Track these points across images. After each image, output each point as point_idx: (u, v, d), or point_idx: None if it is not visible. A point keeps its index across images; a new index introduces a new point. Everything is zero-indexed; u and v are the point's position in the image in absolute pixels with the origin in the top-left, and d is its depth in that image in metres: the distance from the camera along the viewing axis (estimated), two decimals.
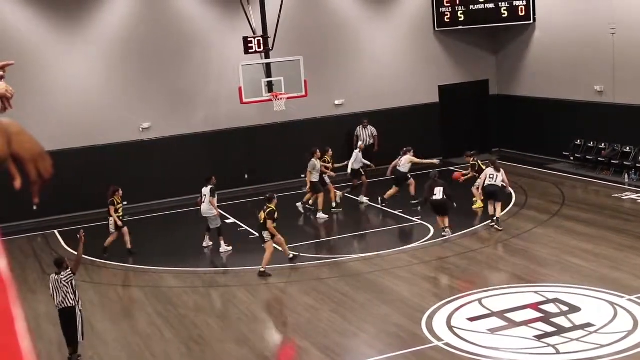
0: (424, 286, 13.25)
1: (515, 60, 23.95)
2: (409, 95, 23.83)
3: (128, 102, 20.94)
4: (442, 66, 24.25)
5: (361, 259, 15.12)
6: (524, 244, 15.22)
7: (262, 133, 22.24)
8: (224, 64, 21.42)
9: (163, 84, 21.24)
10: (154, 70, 21.12)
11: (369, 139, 22.60)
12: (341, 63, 23.05)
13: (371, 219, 18.84)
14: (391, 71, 23.62)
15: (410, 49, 23.85)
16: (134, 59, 20.94)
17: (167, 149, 21.36)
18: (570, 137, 21.74)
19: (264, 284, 14.20)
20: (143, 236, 17.52)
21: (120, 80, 20.86)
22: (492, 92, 25.00)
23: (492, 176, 16.33)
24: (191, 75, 21.51)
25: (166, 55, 21.22)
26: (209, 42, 21.60)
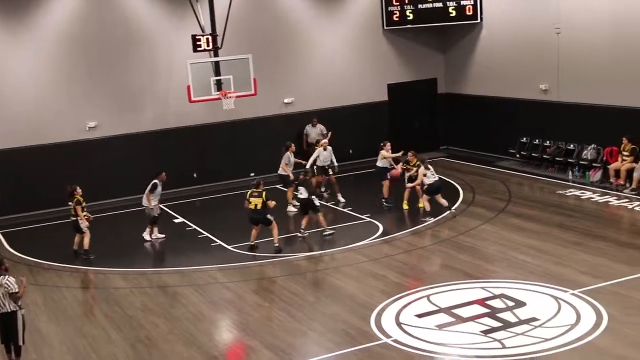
0: (373, 284, 13.30)
1: (463, 59, 24.22)
2: (358, 93, 23.91)
3: (74, 100, 20.61)
4: (391, 65, 24.39)
5: (310, 257, 15.12)
6: (471, 240, 15.38)
7: (211, 132, 22.09)
8: (173, 62, 21.23)
9: (110, 83, 20.96)
10: (101, 68, 20.82)
11: (318, 137, 22.61)
12: (290, 61, 23.03)
13: None
14: (340, 69, 23.68)
15: (359, 47, 23.93)
16: (81, 57, 20.61)
17: (114, 148, 21.08)
18: (517, 135, 22.06)
19: (214, 282, 14.11)
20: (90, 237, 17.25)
21: (66, 78, 20.52)
22: (440, 91, 25.22)
23: (432, 173, 16.99)
24: (139, 73, 21.26)
25: (113, 53, 20.93)
26: (157, 39, 21.38)
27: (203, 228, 17.61)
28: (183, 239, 17.39)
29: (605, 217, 16.45)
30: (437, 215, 17.05)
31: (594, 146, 19.66)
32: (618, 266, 13.17)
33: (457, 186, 19.94)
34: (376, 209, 18.17)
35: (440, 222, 16.74)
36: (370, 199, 18.72)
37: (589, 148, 19.75)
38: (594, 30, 19.62)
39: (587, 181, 19.32)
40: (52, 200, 19.76)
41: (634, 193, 17.77)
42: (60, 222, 18.59)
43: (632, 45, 18.66)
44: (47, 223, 19.20)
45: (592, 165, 19.44)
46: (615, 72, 19.17)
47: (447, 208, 17.14)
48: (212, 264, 15.19)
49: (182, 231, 17.84)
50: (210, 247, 16.38)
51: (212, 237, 16.89)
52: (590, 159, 19.60)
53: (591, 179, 19.28)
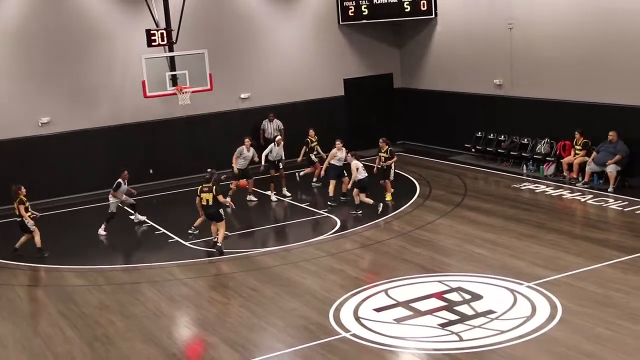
0: (331, 278, 13.33)
1: (418, 54, 24.38)
2: (314, 88, 23.93)
3: (26, 95, 20.25)
4: (347, 60, 24.45)
5: (268, 252, 15.10)
6: (428, 234, 15.50)
7: (168, 127, 21.92)
8: (128, 57, 20.99)
9: (64, 77, 20.64)
10: (55, 62, 20.49)
11: (275, 132, 22.59)
12: (247, 56, 22.94)
13: (278, 213, 18.83)
14: (296, 65, 23.66)
15: (315, 42, 23.94)
16: (33, 51, 20.25)
17: (68, 144, 20.78)
18: (472, 129, 22.29)
19: (171, 279, 14.00)
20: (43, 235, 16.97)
21: (17, 72, 20.15)
22: (396, 86, 25.36)
23: (363, 169, 16.96)
24: (94, 68, 20.98)
25: (67, 47, 20.61)
26: (112, 34, 21.11)
27: (160, 225, 17.46)
28: (140, 236, 17.22)
29: (559, 210, 16.72)
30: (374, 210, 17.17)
31: (547, 140, 19.95)
32: (572, 258, 13.39)
33: (413, 180, 20.07)
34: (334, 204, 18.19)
35: (399, 217, 16.84)
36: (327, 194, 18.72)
37: (543, 142, 20.03)
38: (545, 25, 19.90)
39: (541, 175, 19.60)
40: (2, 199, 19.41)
41: (587, 186, 18.10)
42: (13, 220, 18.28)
43: (581, 39, 18.97)
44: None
45: (546, 159, 19.73)
46: (567, 67, 19.48)
47: (373, 205, 16.99)
48: (169, 261, 15.07)
49: (138, 228, 17.66)
50: (167, 243, 16.24)
51: (169, 234, 16.76)
52: (544, 153, 19.89)
53: (545, 172, 19.57)
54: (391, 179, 18.21)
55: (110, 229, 17.16)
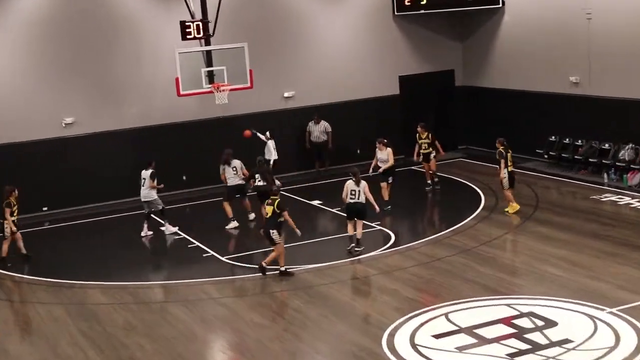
0: (384, 300, 13.19)
1: (483, 48, 24.14)
2: (366, 86, 23.85)
3: (49, 94, 20.56)
4: (403, 55, 24.32)
5: (313, 269, 15.02)
6: (494, 251, 15.28)
7: (203, 129, 22.03)
8: (159, 52, 21.18)
9: (89, 75, 20.90)
10: (79, 58, 20.77)
11: (322, 135, 22.56)
12: (291, 51, 22.96)
13: (323, 225, 18.76)
14: (346, 60, 23.61)
15: (367, 35, 23.87)
16: (56, 46, 20.55)
17: (94, 147, 21.03)
18: (544, 133, 21.99)
19: (205, 298, 13.99)
20: (65, 246, 17.18)
21: (39, 69, 20.47)
22: (458, 84, 25.16)
23: (354, 192, 15.66)
24: (121, 64, 21.21)
25: (93, 41, 20.88)
26: (142, 26, 21.33)
27: (194, 237, 17.49)
28: (171, 249, 17.28)
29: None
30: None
31: (632, 146, 19.58)
32: None
33: (477, 190, 19.85)
34: (387, 216, 18.07)
35: (461, 231, 16.63)
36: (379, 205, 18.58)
37: (627, 148, 19.67)
38: (630, 14, 19.51)
39: (624, 185, 19.24)
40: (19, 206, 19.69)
41: None
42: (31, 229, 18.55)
43: None
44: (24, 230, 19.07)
45: (630, 167, 19.34)
46: None
47: (354, 244, 15.78)
48: (204, 277, 15.05)
49: (170, 240, 17.73)
50: (202, 258, 16.27)
51: (203, 247, 16.78)
52: (628, 160, 19.51)
53: (629, 182, 19.20)
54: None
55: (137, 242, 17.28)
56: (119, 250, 17.02)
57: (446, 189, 20.09)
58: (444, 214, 19.04)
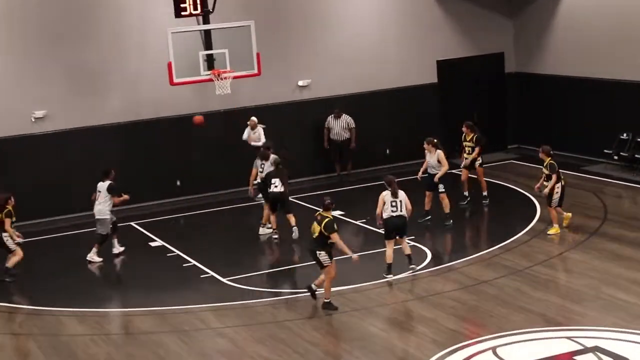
0: (420, 330, 13.23)
1: (540, 27, 24.13)
2: (397, 74, 23.90)
3: (15, 83, 20.68)
4: (442, 35, 24.36)
5: (333, 294, 15.04)
6: (552, 272, 15.29)
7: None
8: (147, 32, 21.28)
9: (64, 60, 21.01)
10: (52, 42, 20.86)
11: (343, 132, 22.61)
12: (307, 31, 23.04)
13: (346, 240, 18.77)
14: (373, 42, 23.67)
15: (398, 12, 23.93)
16: (24, 26, 20.66)
17: (69, 145, 21.13)
18: (615, 130, 21.99)
19: (204, 328, 14.07)
20: (34, 264, 17.28)
21: (6, 56, 20.57)
22: (508, 69, 25.17)
23: (395, 204, 15.53)
24: (102, 47, 21.31)
25: (68, 22, 20.97)
26: (126, 2, 21.44)
27: (189, 254, 17.58)
28: (162, 269, 17.38)
29: None
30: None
31: None
32: None
33: (532, 199, 19.83)
34: (422, 228, 18.11)
35: (511, 247, 16.62)
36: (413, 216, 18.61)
37: None
38: None
39: None
40: None
41: None
42: None
43: None
44: None
45: None
46: None
47: (409, 262, 15.82)
48: (201, 303, 15.15)
49: (161, 258, 17.84)
50: (200, 279, 16.36)
51: (201, 267, 16.87)
52: None
53: None
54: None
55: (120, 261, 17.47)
56: (99, 271, 17.12)
57: (494, 198, 20.09)
58: (492, 228, 19.07)
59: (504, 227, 17.71)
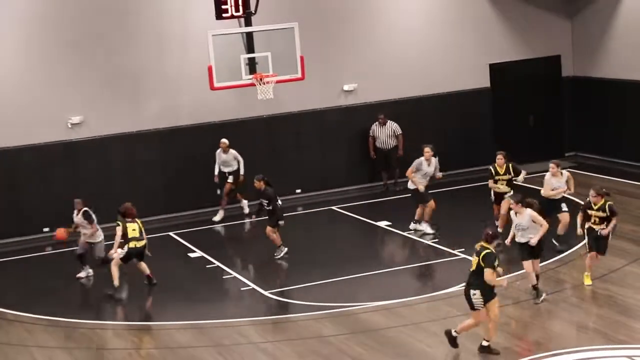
0: (469, 347, 13.16)
1: (600, 28, 23.97)
2: (447, 78, 23.85)
3: (52, 89, 20.85)
4: (495, 38, 24.28)
5: (379, 308, 15.06)
6: (611, 288, 15.14)
7: (241, 130, 22.19)
8: (187, 35, 21.42)
9: (101, 64, 21.17)
10: (89, 46, 21.03)
11: (389, 140, 22.53)
12: (353, 33, 23.05)
13: (392, 252, 18.78)
14: (422, 45, 23.64)
15: (448, 13, 23.88)
16: (61, 31, 20.83)
17: (106, 152, 21.32)
18: None
19: (245, 343, 14.13)
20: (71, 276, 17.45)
21: (40, 58, 20.77)
22: (566, 73, 25.03)
23: (519, 226, 14.87)
24: (141, 51, 21.46)
25: (106, 26, 21.12)
26: (166, 5, 21.58)
27: (229, 266, 17.67)
28: (202, 281, 17.47)
29: None
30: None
31: None
32: None
33: None
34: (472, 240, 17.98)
35: (567, 261, 16.54)
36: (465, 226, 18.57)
37: None
38: None
39: None
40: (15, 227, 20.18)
41: None
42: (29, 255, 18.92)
43: None
44: (8, 258, 19.51)
45: None
46: None
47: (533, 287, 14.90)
48: (242, 317, 15.21)
49: (200, 270, 17.94)
50: (240, 292, 16.44)
51: (241, 279, 16.93)
52: None
53: None
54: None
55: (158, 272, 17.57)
56: (138, 282, 17.24)
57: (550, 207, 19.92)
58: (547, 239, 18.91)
59: (560, 239, 17.57)
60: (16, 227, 20.41)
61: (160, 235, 19.75)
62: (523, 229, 14.84)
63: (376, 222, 20.06)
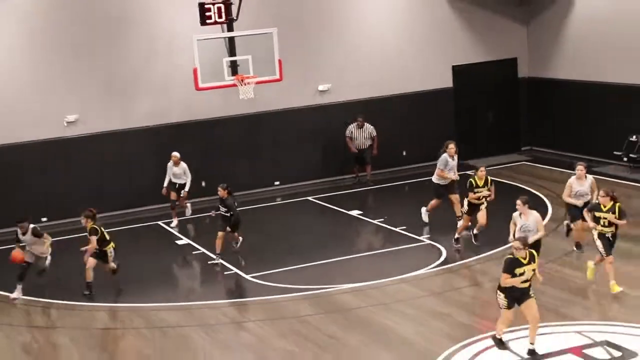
0: (435, 325, 13.25)
1: (552, 33, 24.06)
2: (414, 78, 23.90)
3: (48, 88, 20.81)
4: (457, 41, 24.34)
5: (352, 290, 15.10)
6: (563, 270, 15.25)
7: (225, 128, 22.21)
8: (174, 39, 21.39)
9: (95, 65, 21.14)
10: (84, 48, 20.99)
11: (366, 141, 22.52)
12: (327, 37, 23.07)
13: (365, 238, 18.84)
14: (391, 48, 23.67)
15: (416, 19, 23.91)
16: (58, 34, 20.79)
17: (101, 148, 21.28)
18: (624, 132, 21.91)
19: (228, 322, 14.15)
20: (66, 262, 17.41)
21: (37, 60, 20.72)
22: (521, 74, 25.12)
23: (525, 228, 14.07)
24: (132, 54, 21.44)
25: (99, 28, 21.09)
26: (155, 9, 21.55)
27: (213, 252, 17.67)
28: (188, 266, 17.47)
29: None
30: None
31: None
32: None
33: (543, 198, 19.80)
34: (437, 228, 18.11)
35: None
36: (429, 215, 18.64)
37: None
38: None
39: None
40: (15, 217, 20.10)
41: None
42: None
43: None
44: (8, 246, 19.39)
45: None
46: None
47: None
48: (225, 298, 15.24)
49: (187, 256, 17.96)
50: (224, 276, 16.46)
51: (225, 264, 16.96)
52: None
53: None
54: None
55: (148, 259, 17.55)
56: (129, 268, 17.21)
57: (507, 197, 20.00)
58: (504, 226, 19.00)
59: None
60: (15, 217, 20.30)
61: (150, 224, 19.73)
62: (529, 230, 13.96)
63: (349, 211, 20.13)
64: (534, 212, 14.19)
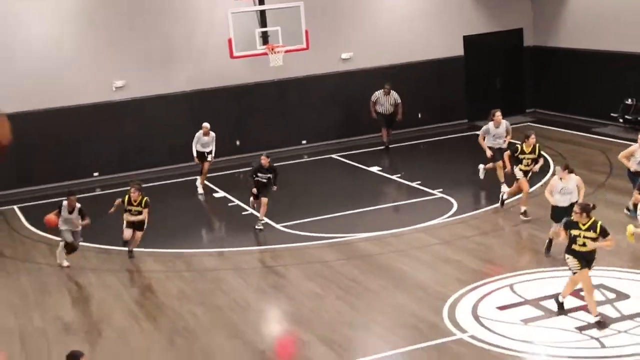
0: (446, 270, 13.29)
1: (555, 4, 23.80)
2: (428, 47, 23.75)
3: (99, 57, 20.88)
4: (468, 13, 24.13)
5: (372, 238, 15.15)
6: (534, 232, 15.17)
7: (256, 92, 22.22)
8: (211, 12, 21.35)
9: (140, 37, 21.18)
10: (130, 20, 21.03)
11: (391, 107, 22.26)
12: (349, 10, 22.94)
13: (384, 192, 18.86)
14: (407, 19, 23.50)
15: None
16: (106, 7, 20.82)
17: (144, 111, 21.37)
18: (620, 95, 21.69)
19: (260, 267, 14.26)
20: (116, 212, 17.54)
21: (89, 32, 20.78)
22: (526, 43, 24.90)
23: (565, 190, 13.43)
24: (173, 25, 21.43)
25: (144, 2, 21.11)
26: None
27: (248, 204, 17.74)
28: (224, 217, 17.58)
29: None
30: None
31: None
32: None
33: (547, 157, 19.69)
34: (449, 182, 18.10)
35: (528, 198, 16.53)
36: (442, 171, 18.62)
37: None
38: None
39: None
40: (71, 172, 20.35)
41: None
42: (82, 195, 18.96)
43: None
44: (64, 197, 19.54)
45: None
46: None
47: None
48: (258, 245, 15.37)
49: (223, 207, 18.06)
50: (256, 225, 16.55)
51: (258, 215, 17.01)
52: None
53: None
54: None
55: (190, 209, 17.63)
56: (171, 217, 17.35)
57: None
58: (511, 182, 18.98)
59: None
60: (70, 172, 20.56)
61: (189, 179, 19.83)
62: (569, 192, 13.36)
63: (369, 168, 20.14)
64: (573, 175, 13.56)
